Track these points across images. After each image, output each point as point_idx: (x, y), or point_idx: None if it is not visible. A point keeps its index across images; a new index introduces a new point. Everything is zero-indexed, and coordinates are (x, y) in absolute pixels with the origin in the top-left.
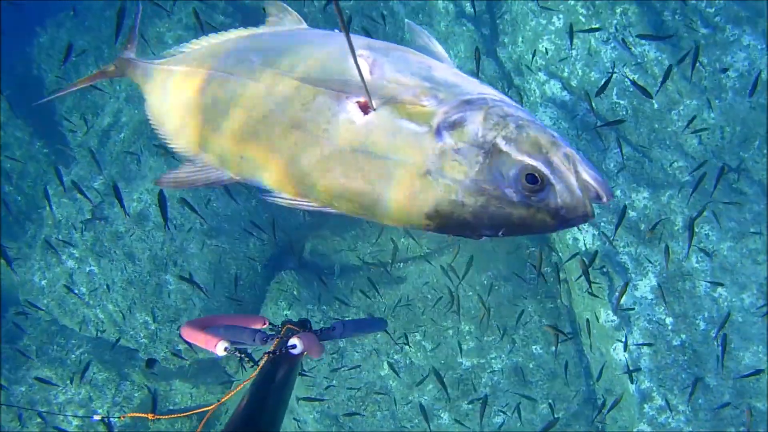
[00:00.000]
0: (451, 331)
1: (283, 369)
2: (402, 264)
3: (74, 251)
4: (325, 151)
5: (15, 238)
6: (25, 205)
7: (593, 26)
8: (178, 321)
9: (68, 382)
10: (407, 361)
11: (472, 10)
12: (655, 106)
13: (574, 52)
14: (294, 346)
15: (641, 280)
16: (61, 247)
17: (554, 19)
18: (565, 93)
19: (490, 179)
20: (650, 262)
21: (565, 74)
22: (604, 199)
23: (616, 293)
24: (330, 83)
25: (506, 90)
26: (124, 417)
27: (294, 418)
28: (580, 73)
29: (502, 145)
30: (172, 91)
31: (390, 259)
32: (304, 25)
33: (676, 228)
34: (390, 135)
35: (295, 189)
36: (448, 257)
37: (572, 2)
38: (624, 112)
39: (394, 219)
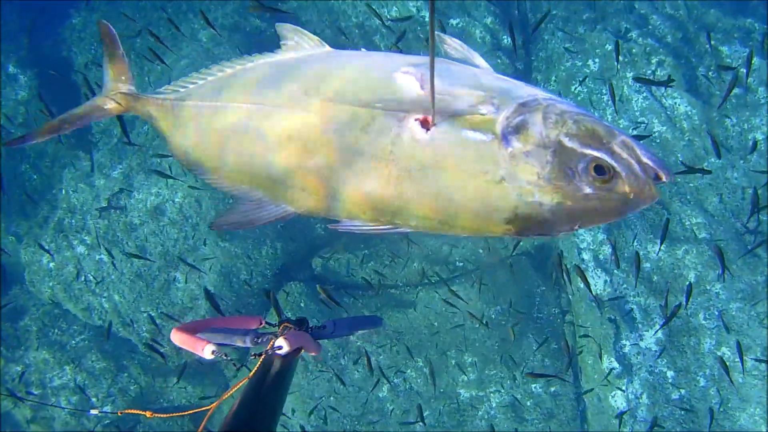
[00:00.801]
0: (454, 361)
1: (277, 369)
2: (410, 288)
3: (86, 237)
4: (393, 172)
5: (27, 217)
6: (41, 184)
7: (628, 74)
8: (182, 319)
9: (65, 367)
10: (407, 386)
11: (509, 42)
12: (680, 158)
13: (605, 98)
14: (280, 347)
15: (647, 331)
16: (73, 232)
17: (590, 62)
18: None
19: (562, 176)
20: (658, 313)
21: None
22: (665, 178)
23: (621, 341)
24: (386, 103)
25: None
26: (122, 413)
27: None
28: (609, 119)
29: (566, 141)
30: (204, 128)
31: (398, 280)
32: (327, 48)
33: (687, 284)
34: (458, 147)
35: (366, 215)
36: (459, 286)
37: (609, 48)
38: None
39: (474, 230)
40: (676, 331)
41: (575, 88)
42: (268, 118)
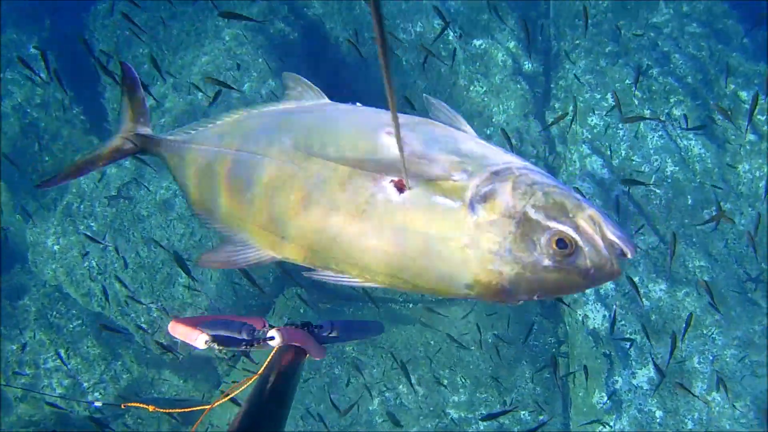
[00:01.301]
0: (446, 381)
1: (284, 371)
2: (411, 305)
3: (93, 224)
4: (365, 230)
5: (35, 197)
6: (52, 166)
7: (645, 112)
8: (181, 314)
9: (60, 350)
10: (397, 401)
11: (530, 68)
12: (689, 202)
13: (620, 132)
14: (272, 338)
15: (640, 369)
16: (81, 217)
17: (608, 95)
18: (605, 170)
19: (523, 247)
20: (653, 353)
21: (609, 152)
22: (629, 255)
23: (614, 377)
24: (365, 164)
25: (547, 155)
26: (124, 406)
27: None
28: (623, 154)
29: (532, 213)
30: (203, 171)
31: (399, 295)
32: (326, 99)
33: (683, 326)
34: (427, 212)
35: (338, 267)
36: (458, 307)
37: (629, 82)
38: (658, 202)
39: (435, 290)
40: (668, 372)
41: (591, 120)
42: (257, 167)
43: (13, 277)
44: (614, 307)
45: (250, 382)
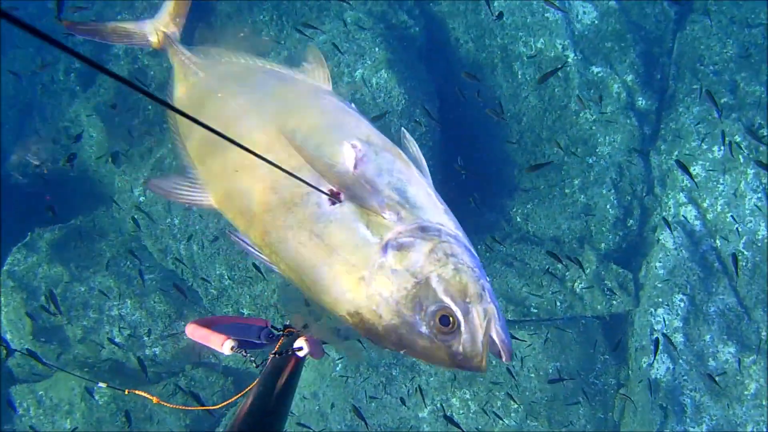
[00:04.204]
0: (499, 402)
1: (286, 373)
2: None
3: None
4: (289, 222)
5: (131, 144)
6: (155, 116)
7: (748, 171)
8: (252, 286)
9: (126, 300)
10: (448, 413)
11: (643, 104)
12: None
13: (720, 187)
14: (300, 348)
15: (694, 428)
16: (171, 172)
17: (715, 147)
18: (698, 223)
19: (409, 306)
20: (710, 414)
21: (705, 204)
22: (503, 359)
23: (665, 430)
24: (316, 163)
25: (644, 195)
26: (128, 392)
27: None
28: (718, 209)
29: (434, 281)
30: (194, 99)
31: None
32: (329, 86)
33: (746, 393)
34: (345, 232)
35: (254, 239)
36: (526, 332)
37: (738, 138)
38: (744, 263)
39: (322, 303)
40: None
41: (694, 169)
42: (233, 121)
43: (95, 219)
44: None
45: (256, 383)
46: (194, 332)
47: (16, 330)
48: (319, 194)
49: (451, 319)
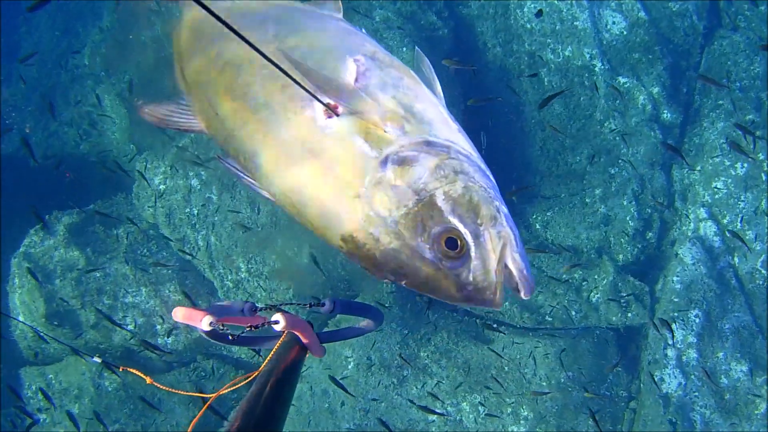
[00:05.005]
0: (510, 409)
1: (287, 368)
2: (496, 325)
3: (202, 172)
4: (281, 138)
5: (153, 133)
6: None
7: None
8: (267, 280)
9: (141, 288)
10: (457, 417)
11: (668, 117)
12: None
13: (741, 204)
14: (276, 322)
15: None
16: (192, 163)
17: (738, 164)
18: (717, 239)
19: (411, 226)
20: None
21: (725, 221)
22: (522, 295)
23: None
24: (313, 75)
25: (664, 208)
26: (123, 369)
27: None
28: (738, 226)
29: (439, 199)
30: (197, 28)
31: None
32: (340, 15)
33: (756, 412)
34: (340, 147)
35: (245, 162)
36: (539, 341)
37: (761, 156)
38: (762, 282)
39: (314, 227)
40: None
41: (716, 185)
42: (231, 43)
43: (114, 205)
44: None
45: (254, 376)
46: (177, 313)
47: (29, 312)
48: (313, 108)
49: (459, 242)
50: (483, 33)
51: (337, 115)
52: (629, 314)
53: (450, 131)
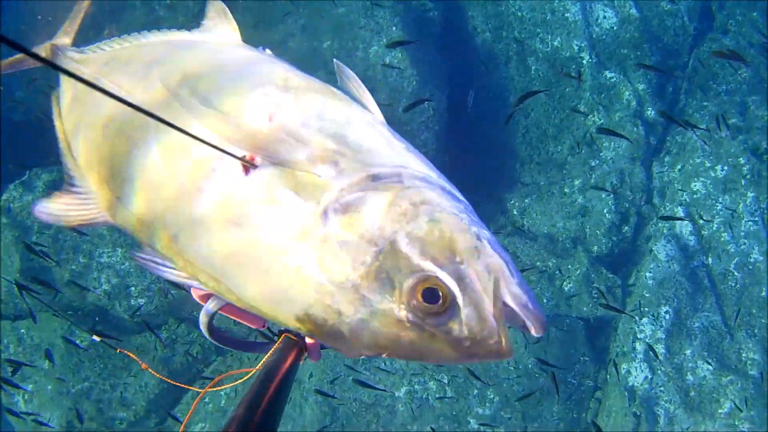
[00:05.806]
0: (476, 391)
1: (286, 369)
2: None
3: None
4: (197, 212)
5: None
6: None
7: (748, 194)
8: None
9: (117, 249)
10: (424, 396)
11: (651, 115)
12: (763, 293)
13: (719, 206)
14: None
15: None
16: None
17: (718, 167)
18: (692, 238)
19: (375, 287)
20: (682, 427)
21: (701, 221)
22: (533, 332)
23: None
24: (218, 125)
25: (642, 204)
26: (120, 350)
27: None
28: (714, 227)
29: (403, 244)
30: (77, 99)
31: None
32: (237, 36)
33: (719, 411)
34: (267, 208)
35: (163, 251)
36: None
37: (742, 160)
38: (734, 284)
39: (263, 312)
40: None
41: (695, 185)
42: (115, 107)
43: None
44: None
45: (252, 373)
46: (197, 292)
47: (4, 266)
48: (226, 168)
49: (440, 291)
50: (473, 18)
51: (256, 166)
52: (600, 305)
53: (396, 153)
